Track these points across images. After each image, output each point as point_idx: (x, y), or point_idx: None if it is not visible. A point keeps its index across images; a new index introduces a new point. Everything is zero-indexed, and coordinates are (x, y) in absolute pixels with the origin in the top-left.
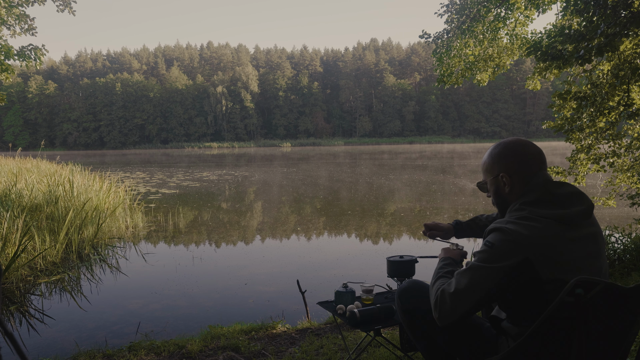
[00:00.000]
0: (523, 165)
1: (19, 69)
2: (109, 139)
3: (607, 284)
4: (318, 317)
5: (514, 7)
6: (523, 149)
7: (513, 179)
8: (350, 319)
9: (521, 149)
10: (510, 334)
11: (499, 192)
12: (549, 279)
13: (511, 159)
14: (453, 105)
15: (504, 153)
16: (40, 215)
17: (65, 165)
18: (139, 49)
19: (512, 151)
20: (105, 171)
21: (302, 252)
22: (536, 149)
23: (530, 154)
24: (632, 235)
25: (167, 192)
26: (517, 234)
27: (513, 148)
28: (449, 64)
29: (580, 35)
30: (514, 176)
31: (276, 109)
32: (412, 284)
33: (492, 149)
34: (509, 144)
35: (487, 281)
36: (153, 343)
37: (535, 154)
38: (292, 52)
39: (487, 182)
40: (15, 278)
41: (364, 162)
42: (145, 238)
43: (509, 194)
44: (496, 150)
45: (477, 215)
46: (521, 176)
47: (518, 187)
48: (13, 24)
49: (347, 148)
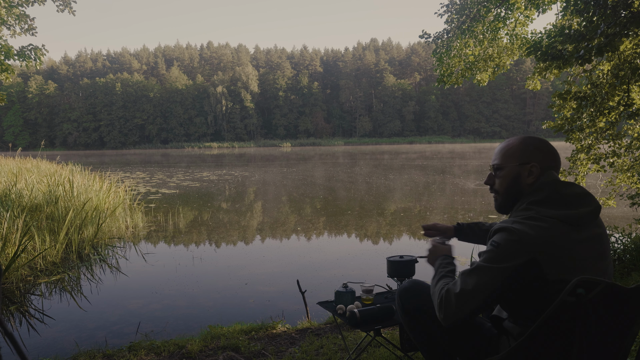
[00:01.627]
0: (554, 163)
1: (19, 69)
2: (109, 139)
3: (607, 284)
4: (318, 317)
5: (514, 7)
6: (552, 148)
7: (542, 173)
8: (350, 319)
9: (551, 147)
10: (512, 334)
11: (517, 181)
12: (556, 279)
13: (549, 155)
14: (453, 105)
15: (541, 146)
16: (40, 215)
17: (65, 165)
18: (139, 49)
19: (549, 148)
20: (105, 171)
21: (302, 252)
22: (556, 152)
23: (554, 154)
24: (632, 235)
25: (167, 192)
26: (524, 234)
27: (547, 145)
28: (449, 64)
29: (580, 35)
30: (543, 170)
31: (276, 109)
32: (413, 283)
33: (525, 139)
34: (542, 140)
35: (493, 281)
36: (153, 343)
37: (557, 157)
38: (292, 52)
39: (507, 167)
40: (15, 278)
41: (364, 162)
42: (145, 238)
43: (528, 187)
44: (530, 140)
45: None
46: (538, 175)
47: (532, 184)
48: (13, 24)
49: (347, 148)
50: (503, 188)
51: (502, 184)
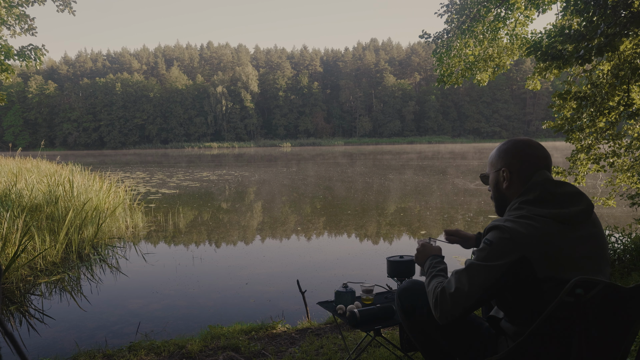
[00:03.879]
0: (525, 164)
1: (19, 69)
2: (109, 139)
3: (607, 284)
4: (318, 317)
5: (514, 7)
6: (529, 149)
7: (513, 176)
8: (350, 319)
9: (527, 148)
10: (509, 334)
11: (498, 187)
12: (546, 277)
13: (515, 157)
14: (453, 105)
15: (510, 150)
16: (40, 215)
17: (65, 165)
18: (139, 49)
19: (517, 149)
20: (105, 171)
21: (302, 252)
22: (542, 151)
23: (534, 155)
24: (632, 235)
25: (167, 192)
26: (515, 233)
27: (520, 147)
28: (449, 64)
29: (580, 35)
30: (514, 174)
31: (276, 109)
32: (412, 283)
33: (501, 145)
34: (517, 142)
35: (486, 279)
36: (153, 343)
37: (539, 156)
38: (292, 52)
39: (490, 175)
40: (15, 278)
41: (364, 162)
42: (145, 238)
43: (507, 190)
44: (504, 146)
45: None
46: (521, 175)
47: (516, 185)
48: (13, 24)
49: (347, 148)
50: (492, 195)
51: (491, 191)
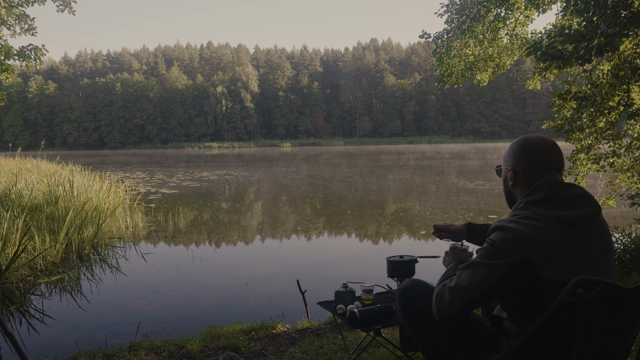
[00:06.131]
0: (530, 167)
1: (19, 69)
2: (109, 139)
3: (607, 284)
4: (318, 317)
5: (514, 7)
6: (536, 150)
7: (517, 176)
8: (350, 319)
9: (534, 150)
10: (511, 334)
11: (505, 183)
12: (549, 279)
13: (521, 158)
14: (453, 105)
15: (517, 150)
16: (40, 215)
17: (65, 165)
18: (139, 49)
19: (524, 150)
20: (105, 171)
21: (302, 252)
22: (551, 154)
23: (541, 158)
24: (632, 235)
25: (167, 192)
26: (519, 233)
27: (527, 148)
28: (449, 64)
29: (580, 35)
30: (519, 174)
31: (276, 109)
32: (413, 283)
33: (514, 142)
34: (526, 142)
35: (486, 278)
36: (153, 343)
37: (547, 159)
38: (292, 52)
39: (502, 170)
40: (15, 278)
41: (364, 162)
42: (145, 238)
43: (513, 188)
44: (515, 144)
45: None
46: (526, 176)
47: (521, 185)
48: (13, 24)
49: (347, 148)
50: (503, 188)
51: (503, 184)
